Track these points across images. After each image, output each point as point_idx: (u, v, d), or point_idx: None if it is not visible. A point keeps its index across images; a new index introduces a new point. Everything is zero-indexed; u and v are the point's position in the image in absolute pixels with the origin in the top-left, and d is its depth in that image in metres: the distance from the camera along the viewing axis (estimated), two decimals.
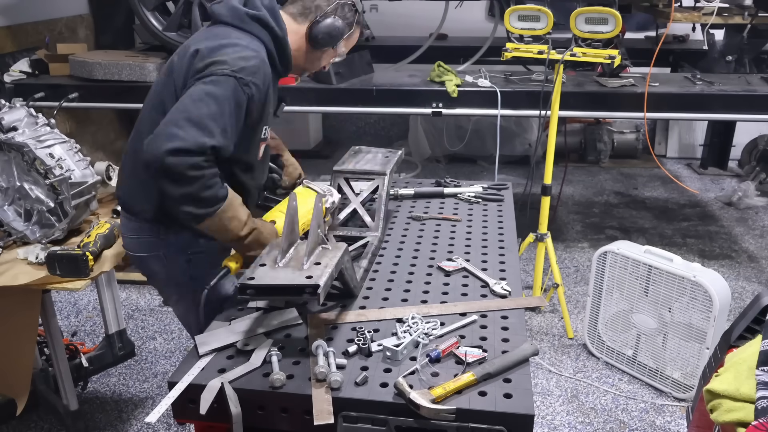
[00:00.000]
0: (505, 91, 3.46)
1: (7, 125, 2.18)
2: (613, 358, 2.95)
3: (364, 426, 1.28)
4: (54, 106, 3.40)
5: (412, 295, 1.70)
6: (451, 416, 1.23)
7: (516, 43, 3.15)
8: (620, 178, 5.47)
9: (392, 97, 3.60)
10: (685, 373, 2.68)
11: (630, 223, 4.55)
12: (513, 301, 1.66)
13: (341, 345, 1.46)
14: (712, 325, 2.49)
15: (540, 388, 2.84)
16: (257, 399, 1.33)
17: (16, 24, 4.30)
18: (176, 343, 3.24)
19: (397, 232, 2.09)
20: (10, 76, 3.82)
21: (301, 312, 1.60)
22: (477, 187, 2.40)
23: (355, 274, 1.68)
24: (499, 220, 2.17)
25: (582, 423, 2.63)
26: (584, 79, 3.70)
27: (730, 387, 1.36)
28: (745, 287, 3.66)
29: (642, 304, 2.76)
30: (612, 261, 2.82)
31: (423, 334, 1.48)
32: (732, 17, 3.77)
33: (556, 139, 3.16)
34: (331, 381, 1.30)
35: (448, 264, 1.85)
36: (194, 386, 1.35)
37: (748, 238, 4.28)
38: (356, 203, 1.99)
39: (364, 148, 2.25)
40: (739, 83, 3.60)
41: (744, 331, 1.62)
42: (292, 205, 1.49)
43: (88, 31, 5.05)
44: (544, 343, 3.16)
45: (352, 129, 6.50)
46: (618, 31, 2.90)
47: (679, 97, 3.48)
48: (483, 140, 5.59)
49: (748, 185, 4.81)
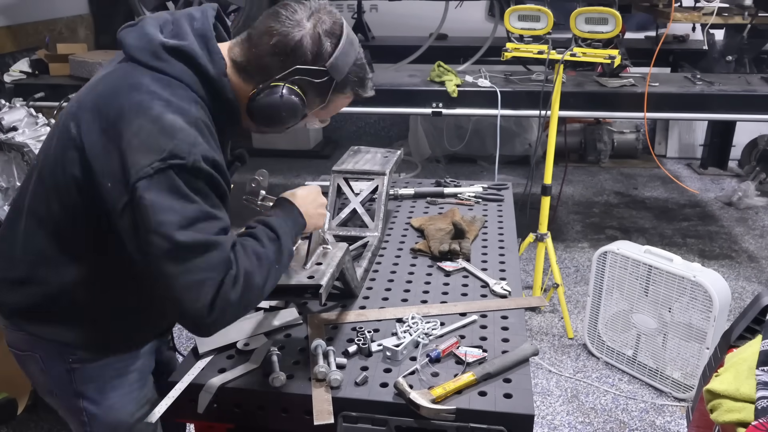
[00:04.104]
0: (505, 91, 3.46)
1: (7, 125, 2.19)
2: (613, 358, 2.95)
3: (364, 426, 1.28)
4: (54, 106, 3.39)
5: (412, 295, 1.70)
6: (451, 416, 1.23)
7: (516, 43, 3.15)
8: (620, 178, 5.46)
9: (392, 97, 3.60)
10: (685, 373, 2.68)
11: (630, 223, 4.54)
12: (513, 301, 1.66)
13: (341, 345, 1.46)
14: (712, 325, 2.49)
15: (540, 388, 2.84)
16: (257, 399, 1.34)
17: (16, 24, 4.30)
18: (176, 343, 3.23)
19: (397, 232, 2.09)
20: (10, 76, 3.82)
21: (302, 312, 1.60)
22: (477, 187, 2.40)
23: (356, 274, 1.68)
24: (499, 220, 2.17)
25: (582, 423, 2.63)
26: (584, 79, 3.70)
27: (730, 387, 1.36)
28: (745, 287, 3.66)
29: (642, 304, 2.76)
30: (612, 261, 2.82)
31: (423, 334, 1.48)
32: (732, 17, 3.77)
33: (556, 139, 3.16)
34: (330, 380, 1.30)
35: (448, 264, 1.85)
36: (194, 386, 1.35)
37: (748, 238, 4.28)
38: (356, 203, 1.99)
39: (364, 148, 2.25)
40: (739, 83, 3.59)
41: (744, 331, 1.62)
42: None
43: (88, 31, 5.06)
44: (544, 343, 3.16)
45: (352, 129, 6.50)
46: (618, 31, 2.90)
47: (679, 97, 3.48)
48: (483, 140, 5.59)
49: (748, 185, 4.81)
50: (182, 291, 1.10)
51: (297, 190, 1.41)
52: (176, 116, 1.13)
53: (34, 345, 1.35)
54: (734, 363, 1.44)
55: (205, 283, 1.11)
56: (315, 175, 2.73)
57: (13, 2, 4.31)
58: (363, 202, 2.00)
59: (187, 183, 1.11)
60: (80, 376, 1.35)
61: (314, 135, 6.08)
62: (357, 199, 2.00)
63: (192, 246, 1.10)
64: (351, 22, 5.17)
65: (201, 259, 1.10)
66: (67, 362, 1.33)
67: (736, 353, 1.49)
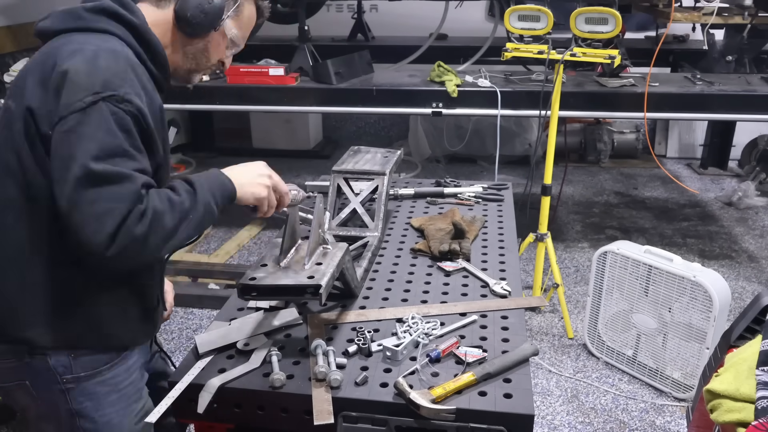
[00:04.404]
0: (505, 91, 3.46)
1: None
2: (613, 358, 2.95)
3: (364, 426, 1.28)
4: None
5: (412, 295, 1.70)
6: (451, 416, 1.23)
7: (516, 43, 3.15)
8: (620, 178, 5.46)
9: (392, 97, 3.60)
10: (685, 373, 2.68)
11: (630, 223, 4.54)
12: (513, 301, 1.66)
13: (341, 345, 1.46)
14: (712, 325, 2.49)
15: (540, 388, 2.84)
16: (257, 399, 1.34)
17: (16, 24, 4.30)
18: (176, 343, 3.24)
19: (397, 232, 2.09)
20: (10, 76, 3.82)
21: (302, 312, 1.60)
22: (477, 187, 2.40)
23: (356, 274, 1.68)
24: (499, 220, 2.17)
25: (582, 423, 2.63)
26: (584, 79, 3.70)
27: (730, 387, 1.36)
28: (745, 287, 3.66)
29: (642, 304, 2.76)
30: (612, 261, 2.82)
31: (423, 334, 1.48)
32: (732, 17, 3.77)
33: (556, 139, 3.16)
34: (330, 380, 1.30)
35: (448, 264, 1.84)
36: (194, 386, 1.35)
37: (748, 238, 4.28)
38: (356, 203, 1.99)
39: (364, 148, 2.24)
40: (739, 83, 3.60)
41: (744, 331, 1.62)
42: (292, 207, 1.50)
43: None
44: (544, 343, 3.16)
45: (352, 129, 6.50)
46: (618, 31, 2.90)
47: (679, 97, 3.48)
48: (483, 140, 5.59)
49: (748, 185, 4.81)
50: (86, 219, 1.11)
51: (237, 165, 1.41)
52: (108, 56, 1.19)
53: (22, 372, 1.31)
54: (734, 363, 1.44)
55: (109, 214, 1.11)
56: (315, 175, 2.73)
57: (13, 2, 4.31)
58: (363, 202, 2.00)
59: (114, 116, 1.14)
60: (75, 395, 1.33)
61: (314, 135, 6.08)
62: (357, 199, 2.00)
63: (103, 175, 1.11)
64: (351, 22, 5.17)
65: (109, 189, 1.12)
66: (61, 383, 1.31)
67: (736, 353, 1.49)
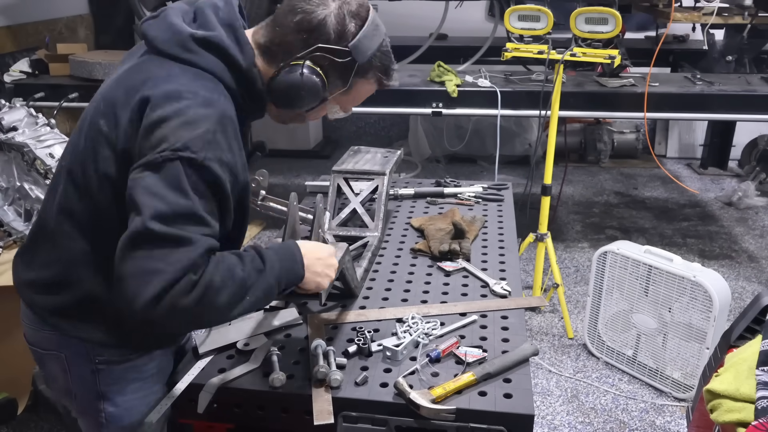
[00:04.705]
0: (505, 91, 3.46)
1: (7, 125, 2.19)
2: (613, 358, 2.95)
3: (364, 426, 1.28)
4: (54, 106, 3.39)
5: (412, 295, 1.70)
6: (451, 416, 1.23)
7: (516, 43, 3.15)
8: (620, 178, 5.46)
9: (392, 97, 3.59)
10: (685, 373, 2.68)
11: (630, 223, 4.54)
12: (513, 301, 1.66)
13: (341, 345, 1.46)
14: (712, 325, 2.49)
15: (540, 388, 2.84)
16: (257, 399, 1.34)
17: (16, 24, 4.30)
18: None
19: (397, 232, 2.09)
20: (10, 76, 3.83)
21: (302, 312, 1.60)
22: (477, 187, 2.40)
23: (356, 274, 1.68)
24: (499, 220, 2.17)
25: (582, 423, 2.63)
26: (584, 79, 3.70)
27: (730, 387, 1.36)
28: (745, 287, 3.66)
29: (642, 304, 2.76)
30: (612, 261, 2.82)
31: (423, 334, 1.48)
32: (732, 17, 3.77)
33: (556, 139, 3.16)
34: (330, 380, 1.30)
35: (448, 264, 1.84)
36: (194, 386, 1.35)
37: (748, 238, 4.28)
38: (356, 203, 1.99)
39: (364, 148, 2.25)
40: (739, 83, 3.60)
41: (744, 331, 1.62)
42: (292, 206, 1.49)
43: (88, 31, 5.06)
44: (544, 343, 3.16)
45: (352, 129, 6.50)
46: (618, 31, 2.90)
47: (679, 97, 3.48)
48: (483, 140, 5.59)
49: (748, 185, 4.81)
50: (131, 274, 1.05)
51: (312, 243, 1.32)
52: (201, 110, 1.11)
53: (61, 345, 1.32)
54: (734, 363, 1.44)
55: (156, 274, 1.03)
56: (315, 175, 2.73)
57: (13, 2, 4.31)
58: (363, 202, 2.00)
59: (189, 178, 1.08)
60: (105, 378, 1.33)
61: (314, 135, 6.08)
62: (357, 199, 2.00)
63: (161, 235, 1.05)
64: None
65: (163, 250, 1.05)
66: (93, 363, 1.32)
67: (736, 353, 1.49)
